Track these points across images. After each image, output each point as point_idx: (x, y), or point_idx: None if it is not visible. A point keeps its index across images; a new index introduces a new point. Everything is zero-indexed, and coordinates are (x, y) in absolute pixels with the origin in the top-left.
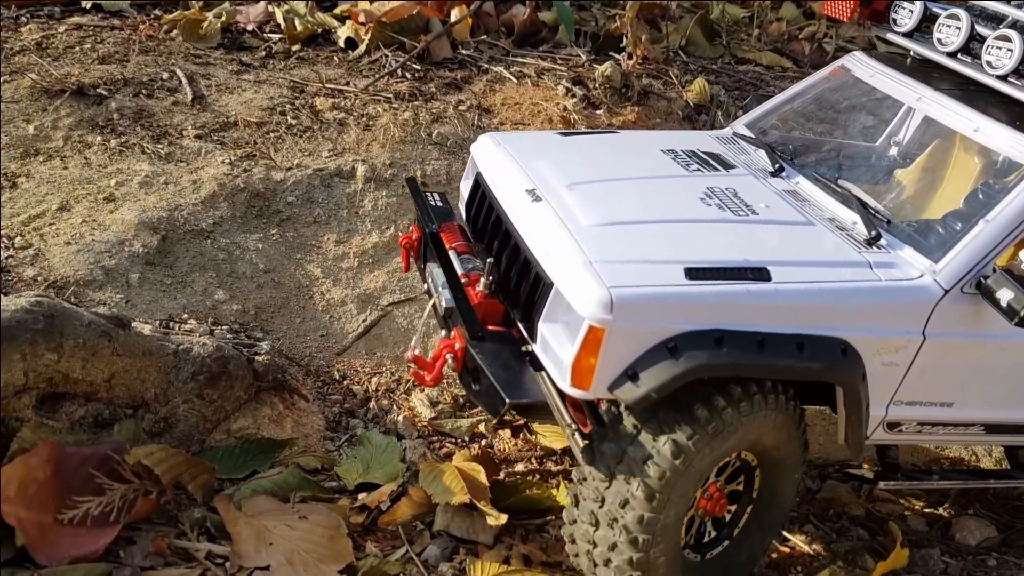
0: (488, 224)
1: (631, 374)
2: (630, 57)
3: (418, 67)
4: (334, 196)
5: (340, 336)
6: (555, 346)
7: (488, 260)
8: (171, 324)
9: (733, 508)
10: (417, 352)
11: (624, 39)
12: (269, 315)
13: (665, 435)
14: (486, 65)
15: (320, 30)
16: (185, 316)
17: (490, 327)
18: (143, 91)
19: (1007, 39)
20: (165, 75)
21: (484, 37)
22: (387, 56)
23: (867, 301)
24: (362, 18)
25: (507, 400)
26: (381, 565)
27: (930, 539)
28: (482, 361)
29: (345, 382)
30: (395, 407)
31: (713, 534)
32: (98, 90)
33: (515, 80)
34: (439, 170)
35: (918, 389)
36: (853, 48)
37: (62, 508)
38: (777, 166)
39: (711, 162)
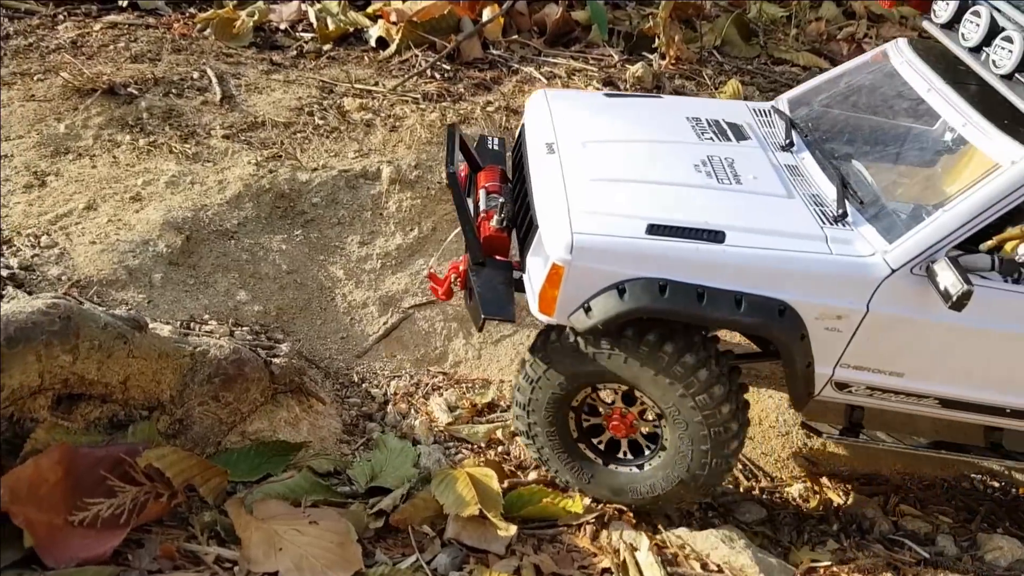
0: (517, 168)
1: (586, 307)
2: (663, 57)
3: (448, 67)
4: (359, 197)
5: (361, 338)
6: (533, 277)
7: (500, 200)
8: (192, 325)
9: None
10: (433, 270)
11: (657, 39)
12: (290, 316)
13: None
14: (516, 65)
15: (352, 29)
16: (206, 317)
17: (497, 257)
18: (173, 90)
19: (1010, 40)
20: (196, 74)
21: (516, 37)
22: (417, 56)
23: (811, 270)
24: (393, 17)
25: (483, 315)
26: (391, 573)
27: (950, 557)
28: (475, 282)
29: (364, 385)
30: (413, 411)
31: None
32: (129, 89)
33: (545, 81)
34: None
35: (864, 356)
36: None
37: (73, 510)
38: (788, 141)
39: (727, 132)
